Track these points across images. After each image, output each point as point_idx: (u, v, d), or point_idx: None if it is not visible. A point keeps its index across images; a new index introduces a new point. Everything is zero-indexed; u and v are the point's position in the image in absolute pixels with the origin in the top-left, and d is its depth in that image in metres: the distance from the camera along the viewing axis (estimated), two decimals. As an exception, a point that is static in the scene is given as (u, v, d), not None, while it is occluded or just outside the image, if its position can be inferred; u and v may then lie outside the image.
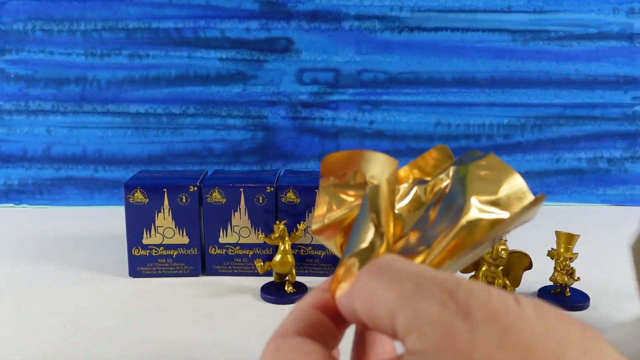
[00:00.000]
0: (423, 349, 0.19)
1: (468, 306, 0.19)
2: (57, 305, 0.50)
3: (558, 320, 0.19)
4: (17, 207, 0.78)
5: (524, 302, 0.19)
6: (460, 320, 0.19)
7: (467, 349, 0.18)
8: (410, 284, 0.20)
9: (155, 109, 0.76)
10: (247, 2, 0.73)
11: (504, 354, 0.18)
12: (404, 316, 0.20)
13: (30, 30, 0.74)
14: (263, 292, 0.52)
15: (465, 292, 0.19)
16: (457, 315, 0.19)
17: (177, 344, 0.44)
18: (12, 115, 0.76)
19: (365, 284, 0.22)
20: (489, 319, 0.18)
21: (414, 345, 0.19)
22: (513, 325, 0.18)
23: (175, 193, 0.54)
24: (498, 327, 0.18)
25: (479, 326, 0.18)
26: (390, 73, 0.76)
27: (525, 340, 0.18)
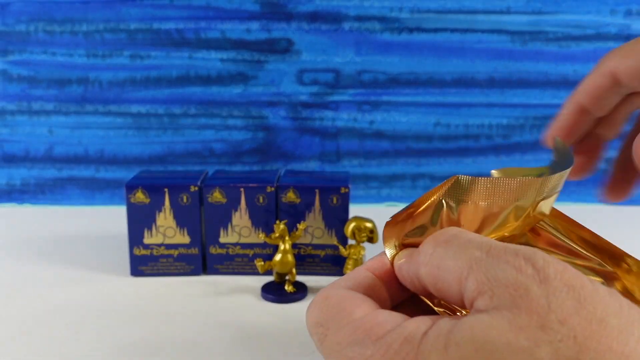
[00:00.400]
0: (496, 307, 0.19)
1: (546, 273, 0.19)
2: (59, 305, 0.50)
3: (629, 305, 0.19)
4: (19, 207, 0.79)
5: (597, 283, 0.20)
6: (536, 284, 0.19)
7: (543, 311, 0.18)
8: (480, 251, 0.21)
9: (157, 110, 0.77)
10: (248, 3, 0.74)
11: (579, 320, 0.18)
12: (474, 280, 0.20)
13: (32, 32, 0.74)
14: (263, 292, 0.52)
15: (542, 260, 0.20)
16: (534, 280, 0.19)
17: (178, 343, 0.44)
18: (14, 116, 0.76)
19: (432, 251, 0.22)
20: (566, 287, 0.19)
21: (485, 305, 0.19)
22: (589, 297, 0.19)
23: (176, 193, 0.54)
24: (574, 296, 0.19)
25: (555, 292, 0.19)
26: (390, 74, 0.76)
27: (600, 312, 0.18)
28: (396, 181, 0.80)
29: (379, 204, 0.80)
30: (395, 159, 0.79)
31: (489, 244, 0.21)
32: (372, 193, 0.80)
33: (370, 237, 0.51)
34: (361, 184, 0.80)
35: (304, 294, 0.52)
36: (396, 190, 0.80)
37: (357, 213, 0.54)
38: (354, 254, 0.51)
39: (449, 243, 0.22)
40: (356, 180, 0.79)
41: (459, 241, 0.22)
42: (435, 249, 0.22)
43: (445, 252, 0.22)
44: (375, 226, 0.52)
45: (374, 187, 0.80)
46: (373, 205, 0.80)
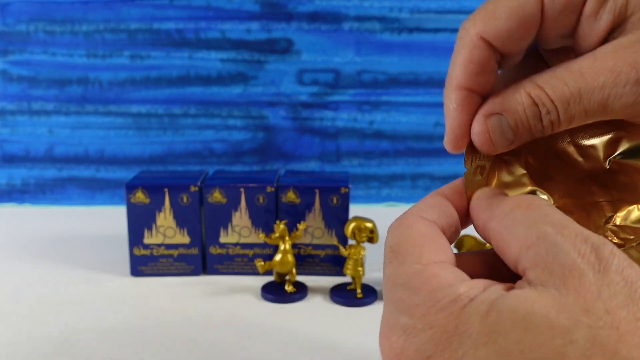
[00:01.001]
0: (545, 282, 0.19)
1: (607, 264, 0.19)
2: (59, 304, 0.50)
3: None
4: (19, 207, 0.79)
5: None
6: (593, 272, 0.19)
7: (591, 297, 0.18)
8: (552, 228, 0.20)
9: (157, 110, 0.77)
10: (248, 4, 0.74)
11: (626, 314, 0.18)
12: (534, 252, 0.20)
13: (33, 32, 0.74)
14: (263, 292, 0.52)
15: (609, 252, 0.19)
16: (592, 268, 0.19)
17: (178, 342, 0.44)
18: (15, 116, 0.76)
19: (509, 211, 0.22)
20: (623, 282, 0.19)
21: (536, 277, 0.20)
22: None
23: (176, 193, 0.54)
24: (629, 292, 0.18)
25: (610, 284, 0.19)
26: (390, 74, 0.76)
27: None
28: (396, 181, 0.80)
29: (379, 204, 0.80)
30: (395, 159, 0.79)
31: (564, 224, 0.21)
32: (372, 193, 0.80)
33: (370, 237, 0.51)
34: (361, 184, 0.80)
35: (304, 294, 0.52)
36: (396, 190, 0.80)
37: (357, 213, 0.54)
38: (354, 254, 0.51)
39: (528, 210, 0.22)
40: (356, 180, 0.79)
41: (538, 212, 0.22)
42: (513, 210, 0.22)
43: (521, 217, 0.22)
44: (375, 226, 0.52)
45: (374, 187, 0.80)
46: (373, 205, 0.80)
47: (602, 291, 0.19)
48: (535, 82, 0.23)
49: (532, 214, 0.22)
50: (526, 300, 0.19)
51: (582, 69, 0.23)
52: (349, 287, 0.53)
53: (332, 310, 0.50)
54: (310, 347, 0.44)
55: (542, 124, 0.24)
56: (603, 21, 0.23)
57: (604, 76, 0.22)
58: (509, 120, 0.24)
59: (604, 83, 0.22)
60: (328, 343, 0.44)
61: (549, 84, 0.23)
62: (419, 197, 0.26)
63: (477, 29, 0.24)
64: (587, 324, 0.18)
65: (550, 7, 0.23)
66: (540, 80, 0.23)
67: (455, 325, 0.20)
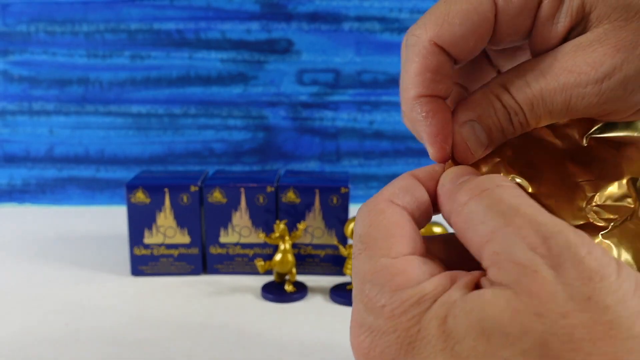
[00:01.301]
0: (501, 283, 0.18)
1: (561, 258, 0.17)
2: (59, 304, 0.50)
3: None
4: (20, 207, 0.79)
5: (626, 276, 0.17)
6: (547, 268, 0.17)
7: (545, 298, 0.17)
8: (503, 218, 0.19)
9: (157, 110, 0.77)
10: (248, 4, 0.74)
11: (583, 319, 0.17)
12: (489, 250, 0.19)
13: (33, 32, 0.74)
14: (263, 291, 0.52)
15: (562, 242, 0.18)
16: (545, 263, 0.18)
17: (178, 342, 0.44)
18: (15, 116, 0.77)
19: (465, 201, 0.21)
20: (581, 279, 0.17)
21: (494, 277, 0.19)
22: (603, 295, 0.17)
23: (177, 193, 0.55)
24: (587, 291, 0.17)
25: (567, 281, 0.17)
26: (390, 74, 0.76)
27: (612, 316, 0.16)
28: (396, 181, 0.80)
29: (379, 204, 0.80)
30: (395, 159, 0.79)
31: (515, 211, 0.19)
32: (372, 193, 0.80)
33: (370, 237, 0.51)
34: (361, 184, 0.80)
35: (304, 294, 0.52)
36: (396, 190, 0.80)
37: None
38: (353, 253, 0.51)
39: (481, 198, 0.20)
40: (356, 180, 0.80)
41: (491, 199, 0.20)
42: (468, 202, 0.21)
43: (475, 208, 0.20)
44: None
45: (374, 187, 0.80)
46: (373, 205, 0.80)
47: (556, 291, 0.17)
48: (501, 84, 0.23)
49: (485, 200, 0.20)
50: (482, 304, 0.18)
51: (543, 69, 0.22)
52: (348, 286, 0.53)
53: (332, 310, 0.50)
54: (310, 347, 0.44)
55: (513, 126, 0.23)
56: (560, 24, 0.23)
57: (564, 76, 0.22)
58: (482, 126, 0.24)
59: (564, 84, 0.22)
60: (328, 343, 0.44)
61: (514, 86, 0.23)
62: None
63: (430, 35, 0.23)
64: (539, 330, 0.17)
65: (504, 11, 0.23)
66: (506, 82, 0.23)
67: (418, 329, 0.19)
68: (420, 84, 0.23)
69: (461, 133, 0.24)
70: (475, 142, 0.24)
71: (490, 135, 0.24)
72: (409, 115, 0.24)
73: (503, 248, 0.19)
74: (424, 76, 0.23)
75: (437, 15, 0.23)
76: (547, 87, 0.22)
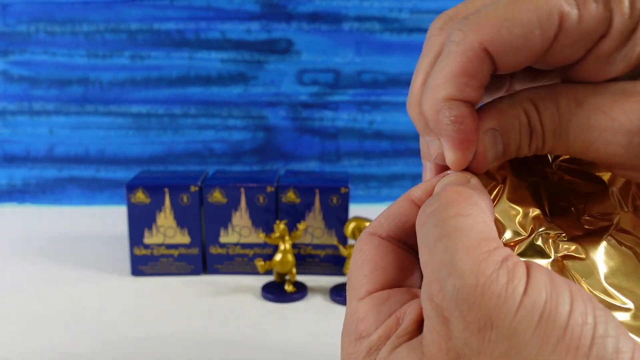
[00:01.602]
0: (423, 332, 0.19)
1: (448, 310, 0.17)
2: (60, 304, 0.50)
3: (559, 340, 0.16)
4: (20, 207, 0.79)
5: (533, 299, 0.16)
6: (439, 323, 0.17)
7: (432, 356, 0.18)
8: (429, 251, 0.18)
9: (157, 110, 0.77)
10: (248, 4, 0.74)
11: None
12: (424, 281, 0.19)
13: (33, 32, 0.74)
14: (264, 291, 0.52)
15: (450, 289, 0.17)
16: (437, 315, 0.17)
17: (178, 342, 0.44)
18: (15, 116, 0.77)
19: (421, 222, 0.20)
20: (466, 330, 0.17)
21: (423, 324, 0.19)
22: (492, 345, 0.16)
23: (177, 193, 0.55)
24: (473, 345, 0.17)
25: (452, 336, 0.17)
26: (390, 74, 0.76)
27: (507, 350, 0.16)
28: (396, 181, 0.80)
29: (379, 204, 0.80)
30: (395, 159, 0.79)
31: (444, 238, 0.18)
32: (372, 193, 0.80)
33: (370, 237, 0.51)
34: (361, 184, 0.80)
35: (304, 294, 0.52)
36: (396, 190, 0.80)
37: (357, 213, 0.54)
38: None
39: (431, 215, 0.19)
40: (356, 180, 0.80)
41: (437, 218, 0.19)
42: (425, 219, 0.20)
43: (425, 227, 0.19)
44: (375, 226, 0.52)
45: (374, 187, 0.80)
46: (373, 205, 0.80)
47: (448, 350, 0.17)
48: (532, 100, 0.22)
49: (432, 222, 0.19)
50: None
51: (578, 100, 0.21)
52: (348, 286, 0.53)
53: (332, 310, 0.50)
54: (310, 347, 0.44)
55: (529, 147, 0.22)
56: (615, 65, 0.21)
57: (596, 116, 0.21)
58: (502, 137, 0.22)
59: (594, 123, 0.21)
60: (328, 343, 0.44)
61: (544, 107, 0.21)
62: None
63: (482, 38, 0.20)
64: None
65: (566, 34, 0.20)
66: (537, 100, 0.22)
67: None
68: (455, 87, 0.21)
69: (483, 140, 0.22)
70: (493, 152, 0.22)
71: (507, 148, 0.22)
72: (432, 115, 0.22)
73: (422, 291, 0.18)
74: (461, 79, 0.21)
75: (496, 18, 0.20)
76: (577, 120, 0.21)
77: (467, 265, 0.17)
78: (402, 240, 0.23)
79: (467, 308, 0.16)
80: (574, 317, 0.16)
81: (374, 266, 0.22)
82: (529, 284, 0.16)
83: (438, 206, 0.19)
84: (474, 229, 0.18)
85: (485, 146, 0.22)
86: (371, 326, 0.20)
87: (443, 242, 0.18)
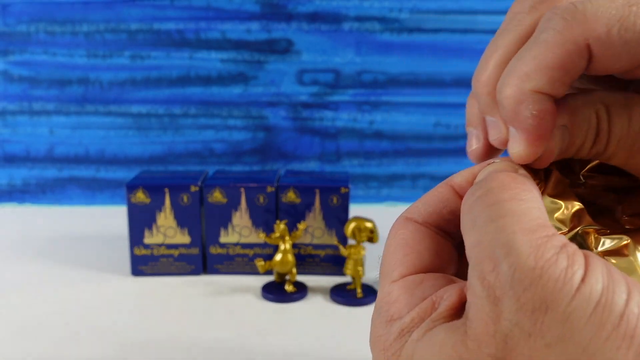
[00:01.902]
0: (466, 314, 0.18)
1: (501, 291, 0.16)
2: (59, 304, 0.50)
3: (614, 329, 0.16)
4: (20, 207, 0.79)
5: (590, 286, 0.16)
6: (488, 303, 0.17)
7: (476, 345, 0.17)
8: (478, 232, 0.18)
9: (157, 110, 0.77)
10: (248, 4, 0.74)
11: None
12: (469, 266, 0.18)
13: (33, 32, 0.74)
14: (264, 291, 0.52)
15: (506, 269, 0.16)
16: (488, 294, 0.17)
17: (179, 342, 0.44)
18: (15, 116, 0.77)
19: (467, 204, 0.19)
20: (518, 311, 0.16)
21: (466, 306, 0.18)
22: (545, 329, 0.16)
23: (177, 193, 0.55)
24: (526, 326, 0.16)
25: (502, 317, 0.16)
26: (390, 74, 0.76)
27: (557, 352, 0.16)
28: (396, 181, 0.80)
29: (379, 204, 0.80)
30: (395, 159, 0.79)
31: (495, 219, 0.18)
32: (372, 193, 0.80)
33: (370, 237, 0.52)
34: (361, 184, 0.80)
35: (304, 294, 0.52)
36: (396, 190, 0.80)
37: (357, 213, 0.54)
38: (354, 254, 0.52)
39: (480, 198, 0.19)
40: (356, 180, 0.80)
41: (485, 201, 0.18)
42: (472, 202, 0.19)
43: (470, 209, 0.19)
44: (375, 226, 0.52)
45: (374, 187, 0.80)
46: (373, 205, 0.80)
47: (496, 331, 0.16)
48: (605, 104, 0.21)
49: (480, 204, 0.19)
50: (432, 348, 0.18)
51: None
52: (349, 286, 0.53)
53: (332, 310, 0.50)
54: (310, 347, 0.44)
55: (590, 150, 0.21)
56: None
57: None
58: (569, 134, 0.21)
59: None
60: (328, 343, 0.44)
61: (616, 115, 0.20)
62: (419, 197, 0.25)
63: (588, 34, 0.18)
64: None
65: None
66: (610, 105, 0.21)
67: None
68: (546, 80, 0.19)
69: (555, 136, 0.21)
70: (558, 149, 0.21)
71: (571, 145, 0.21)
72: (512, 104, 0.20)
73: (470, 271, 0.18)
74: (556, 73, 0.19)
75: (609, 16, 0.18)
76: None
77: (525, 246, 0.16)
78: (440, 227, 0.22)
79: (523, 289, 0.16)
80: (630, 307, 0.16)
81: (409, 250, 0.21)
82: (588, 271, 0.16)
83: (491, 188, 0.19)
84: (531, 214, 0.18)
85: (554, 142, 0.21)
86: (403, 309, 0.20)
87: (499, 222, 0.17)
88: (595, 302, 0.16)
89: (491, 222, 0.18)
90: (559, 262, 0.16)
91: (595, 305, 0.16)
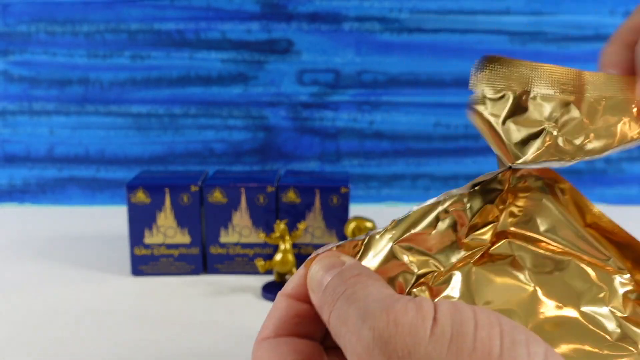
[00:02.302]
0: None
1: (383, 341, 0.17)
2: (59, 304, 0.50)
3: (470, 354, 0.17)
4: (20, 207, 0.79)
5: (442, 323, 0.17)
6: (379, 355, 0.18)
7: None
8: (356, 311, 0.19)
9: (157, 110, 0.77)
10: (248, 4, 0.74)
11: None
12: (344, 344, 0.19)
13: (33, 32, 0.74)
14: (264, 291, 0.52)
15: (382, 324, 0.18)
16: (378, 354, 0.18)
17: (179, 342, 0.44)
18: (15, 116, 0.77)
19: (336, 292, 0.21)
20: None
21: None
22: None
23: (177, 193, 0.55)
24: None
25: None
26: (390, 74, 0.76)
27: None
28: (396, 181, 0.80)
29: (379, 204, 0.80)
30: (395, 159, 0.79)
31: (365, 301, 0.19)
32: (372, 193, 0.80)
33: (370, 237, 0.51)
34: (361, 184, 0.80)
35: (304, 294, 0.52)
36: (396, 190, 0.80)
37: (357, 213, 0.54)
38: (353, 253, 0.51)
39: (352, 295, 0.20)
40: (356, 180, 0.80)
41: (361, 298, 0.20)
42: (339, 297, 0.20)
43: (347, 306, 0.20)
44: (375, 226, 0.52)
45: (374, 187, 0.80)
46: (373, 205, 0.80)
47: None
48: None
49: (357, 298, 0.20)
50: None
51: None
52: (349, 286, 0.53)
53: (332, 310, 0.50)
54: (310, 347, 0.44)
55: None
56: None
57: None
58: None
59: None
60: (328, 342, 0.44)
61: None
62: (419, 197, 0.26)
63: None
64: None
65: None
66: None
67: None
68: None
69: None
70: None
71: None
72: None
73: (347, 356, 0.19)
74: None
75: None
76: None
77: (378, 308, 0.18)
78: (294, 332, 0.24)
79: (385, 342, 0.17)
80: (479, 332, 0.17)
81: (271, 316, 0.24)
82: (437, 310, 0.18)
83: (341, 286, 0.21)
84: (381, 291, 0.20)
85: None
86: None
87: (355, 305, 0.19)
88: (449, 335, 0.17)
89: (348, 308, 0.19)
90: (409, 309, 0.18)
91: (449, 338, 0.17)
